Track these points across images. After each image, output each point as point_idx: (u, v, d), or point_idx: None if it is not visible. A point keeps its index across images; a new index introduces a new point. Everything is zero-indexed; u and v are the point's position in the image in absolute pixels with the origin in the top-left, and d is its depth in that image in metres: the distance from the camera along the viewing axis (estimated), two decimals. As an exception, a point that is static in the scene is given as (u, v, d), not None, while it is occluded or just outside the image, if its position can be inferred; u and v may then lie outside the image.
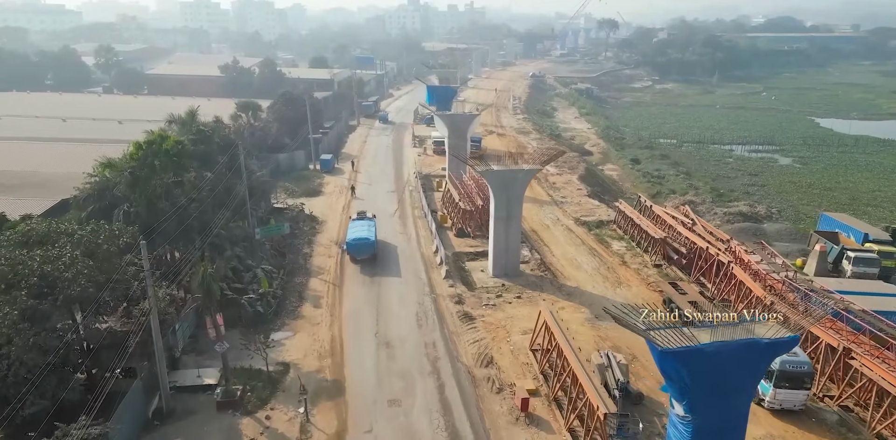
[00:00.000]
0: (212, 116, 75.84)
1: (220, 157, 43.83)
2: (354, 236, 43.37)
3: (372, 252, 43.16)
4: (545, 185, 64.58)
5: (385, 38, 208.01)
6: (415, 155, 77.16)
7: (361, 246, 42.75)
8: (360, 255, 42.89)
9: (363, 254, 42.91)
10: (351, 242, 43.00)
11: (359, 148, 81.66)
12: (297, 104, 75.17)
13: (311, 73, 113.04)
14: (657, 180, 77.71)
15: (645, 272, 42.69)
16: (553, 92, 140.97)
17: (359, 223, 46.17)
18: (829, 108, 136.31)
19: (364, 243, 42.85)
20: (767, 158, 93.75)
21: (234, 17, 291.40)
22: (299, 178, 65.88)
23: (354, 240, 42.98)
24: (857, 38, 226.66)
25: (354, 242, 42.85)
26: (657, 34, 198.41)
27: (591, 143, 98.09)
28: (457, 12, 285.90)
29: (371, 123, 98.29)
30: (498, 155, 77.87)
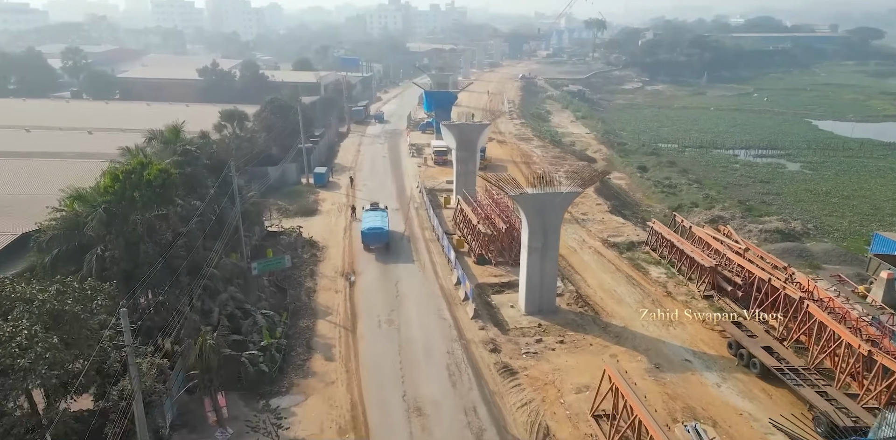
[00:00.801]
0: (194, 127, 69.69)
1: (210, 179, 37.86)
2: (369, 226, 46.13)
3: (385, 241, 46.03)
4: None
5: (367, 39, 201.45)
6: (414, 166, 71.55)
7: (376, 235, 45.62)
8: (374, 244, 45.92)
9: (377, 243, 45.88)
10: (366, 232, 45.79)
11: (353, 158, 75.72)
12: (286, 111, 69.06)
13: (295, 76, 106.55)
14: (670, 190, 73.29)
15: (695, 305, 37.75)
16: (545, 94, 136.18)
17: (372, 213, 48.85)
18: (825, 109, 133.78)
19: (378, 232, 45.65)
20: (775, 164, 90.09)
21: (209, 16, 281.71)
22: (292, 194, 59.91)
23: (369, 229, 45.79)
24: (838, 38, 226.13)
25: (369, 232, 45.66)
26: (643, 35, 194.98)
27: (593, 150, 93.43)
28: (438, 12, 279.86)
29: (362, 130, 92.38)
30: (503, 164, 73.19)
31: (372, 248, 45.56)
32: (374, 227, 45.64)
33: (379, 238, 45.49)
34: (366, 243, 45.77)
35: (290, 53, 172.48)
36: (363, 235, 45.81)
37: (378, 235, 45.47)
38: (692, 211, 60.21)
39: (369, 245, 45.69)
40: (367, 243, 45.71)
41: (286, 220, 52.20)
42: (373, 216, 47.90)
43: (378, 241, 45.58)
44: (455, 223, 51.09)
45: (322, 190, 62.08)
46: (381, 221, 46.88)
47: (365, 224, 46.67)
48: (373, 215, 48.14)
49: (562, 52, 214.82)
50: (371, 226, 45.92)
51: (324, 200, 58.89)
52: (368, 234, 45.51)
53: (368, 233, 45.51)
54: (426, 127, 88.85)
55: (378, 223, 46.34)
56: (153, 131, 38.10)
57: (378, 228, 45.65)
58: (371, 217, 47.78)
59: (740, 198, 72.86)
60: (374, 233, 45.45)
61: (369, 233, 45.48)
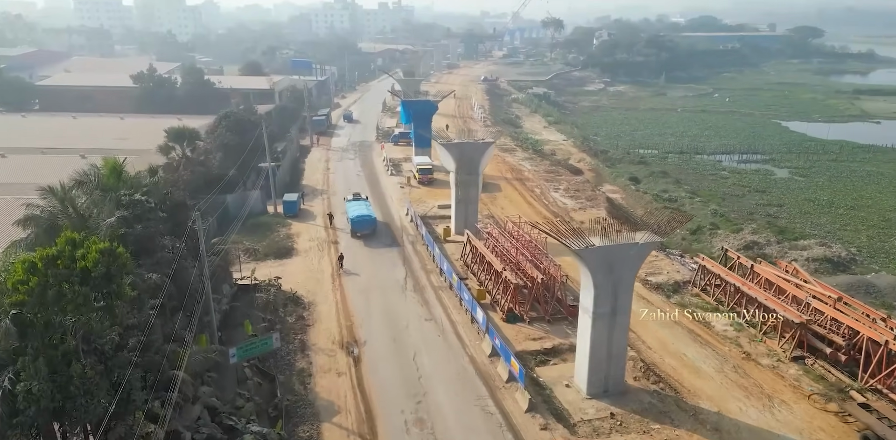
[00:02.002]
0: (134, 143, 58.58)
1: (167, 236, 28.10)
2: (357, 213, 49.06)
3: (374, 227, 49.13)
4: (572, 224, 51.72)
5: (314, 39, 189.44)
6: (395, 186, 62.50)
7: (364, 222, 48.59)
8: (362, 231, 48.52)
9: (365, 230, 48.57)
10: (355, 219, 48.47)
11: (322, 178, 65.90)
12: (243, 127, 58.77)
13: (245, 81, 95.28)
14: (671, 205, 66.83)
15: (788, 373, 30.57)
16: (510, 97, 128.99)
17: (356, 203, 51.96)
18: (788, 110, 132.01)
19: (367, 219, 48.80)
20: (763, 171, 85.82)
21: (139, 14, 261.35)
22: (258, 228, 49.97)
23: (358, 216, 48.65)
24: (782, 37, 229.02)
25: (359, 219, 48.46)
26: (599, 34, 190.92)
27: (576, 159, 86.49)
28: (387, 11, 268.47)
29: (326, 142, 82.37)
30: (494, 181, 65.07)
31: (358, 235, 48.21)
32: (362, 215, 48.94)
33: (368, 225, 48.65)
34: (354, 231, 48.64)
35: (233, 55, 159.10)
36: (352, 223, 48.60)
37: (367, 222, 48.65)
38: (715, 234, 53.70)
39: (357, 232, 48.54)
40: (356, 230, 48.60)
41: (256, 264, 42.47)
42: (357, 205, 51.18)
43: (367, 228, 48.63)
44: (465, 263, 42.58)
45: (294, 221, 52.32)
46: (367, 209, 50.44)
47: (352, 212, 49.46)
48: (357, 204, 51.41)
49: (517, 52, 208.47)
50: (359, 213, 48.97)
51: (298, 235, 49.20)
52: (357, 222, 48.45)
53: (357, 221, 48.44)
54: (399, 138, 79.78)
55: (365, 211, 49.77)
56: (84, 173, 27.83)
57: (366, 215, 49.09)
58: (356, 206, 51.02)
59: (740, 210, 67.65)
60: (363, 221, 48.61)
61: (358, 220, 48.45)
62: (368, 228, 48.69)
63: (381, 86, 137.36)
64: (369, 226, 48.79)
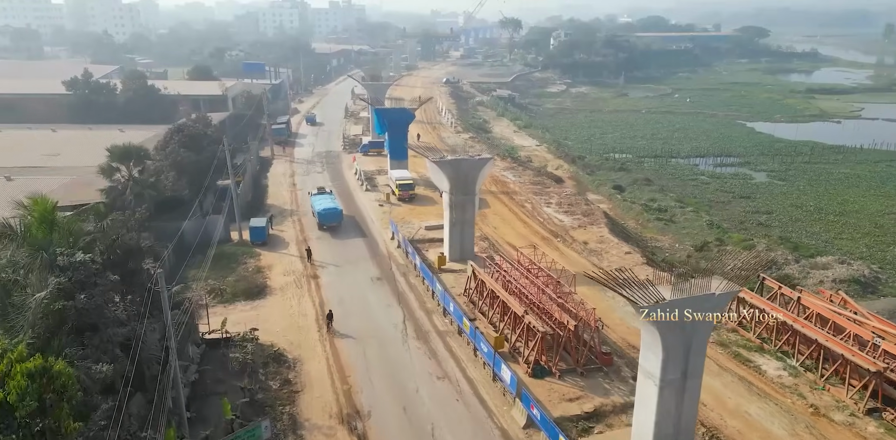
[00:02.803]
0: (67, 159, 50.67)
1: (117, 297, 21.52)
2: (324, 206, 50.12)
3: (340, 220, 50.11)
4: (576, 246, 46.87)
5: (263, 39, 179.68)
6: (373, 204, 56.26)
7: (331, 214, 49.67)
8: (329, 223, 49.51)
9: (332, 222, 49.58)
10: (322, 212, 49.56)
11: (289, 196, 59.00)
12: (199, 141, 51.49)
13: (194, 86, 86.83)
14: (663, 216, 63.21)
15: (868, 431, 26.31)
16: (474, 100, 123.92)
17: (321, 196, 53.27)
18: (750, 110, 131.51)
19: (333, 212, 49.87)
20: (741, 174, 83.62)
21: (70, 13, 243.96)
22: (222, 259, 42.98)
23: (325, 209, 49.73)
24: (731, 37, 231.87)
25: (325, 212, 49.55)
26: (556, 35, 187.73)
27: (554, 166, 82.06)
28: (338, 10, 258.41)
29: (289, 153, 75.17)
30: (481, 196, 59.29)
31: (325, 228, 49.21)
32: (329, 208, 50.07)
33: (334, 217, 49.69)
34: (321, 223, 49.52)
35: (177, 57, 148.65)
36: (320, 216, 49.65)
37: (334, 215, 49.70)
38: (725, 251, 49.53)
39: (324, 225, 49.41)
40: (323, 223, 49.46)
41: (224, 308, 35.77)
42: (322, 198, 52.38)
43: (333, 221, 49.58)
44: (469, 300, 36.98)
45: (263, 250, 45.51)
46: (332, 202, 51.82)
47: (319, 206, 50.51)
48: (322, 198, 52.64)
49: (474, 52, 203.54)
50: (326, 207, 50.07)
51: (270, 268, 42.52)
52: (324, 214, 49.43)
53: (325, 214, 49.42)
54: (369, 147, 73.44)
55: (331, 204, 50.93)
56: (4, 223, 20.84)
57: (333, 208, 50.19)
58: (322, 199, 52.13)
59: (730, 218, 64.63)
60: (330, 213, 49.64)
61: (325, 213, 49.45)
62: (336, 221, 49.72)
63: (339, 88, 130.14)
64: (336, 218, 49.74)
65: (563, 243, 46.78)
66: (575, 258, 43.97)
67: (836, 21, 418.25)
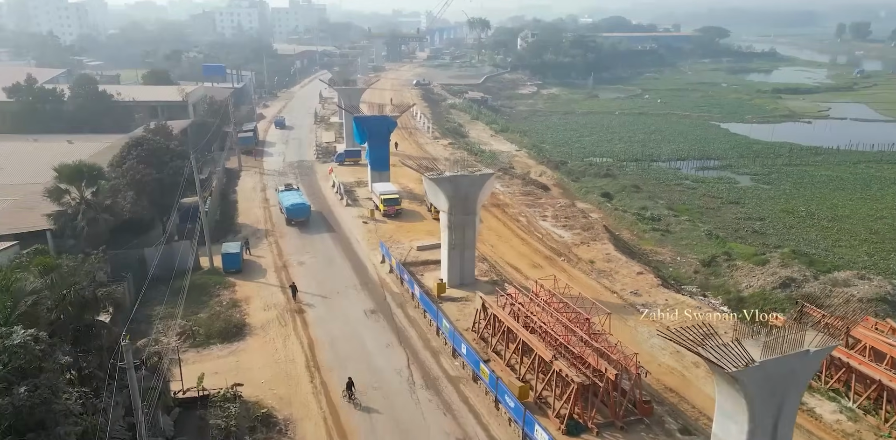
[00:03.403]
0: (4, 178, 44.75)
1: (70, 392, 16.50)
2: (292, 202, 50.71)
3: (308, 215, 50.70)
4: (582, 265, 43.04)
5: (222, 40, 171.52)
6: (355, 221, 51.41)
7: (299, 210, 50.35)
8: (297, 218, 50.15)
9: (300, 217, 50.20)
10: (290, 208, 50.23)
11: (262, 214, 53.59)
12: (160, 156, 45.85)
13: (151, 92, 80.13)
14: (657, 225, 60.37)
15: (951, 488, 23.09)
16: (446, 103, 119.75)
17: (289, 193, 53.49)
18: (722, 110, 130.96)
19: (301, 207, 50.62)
20: (725, 178, 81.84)
21: (11, 12, 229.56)
22: (192, 291, 37.54)
23: (293, 205, 50.43)
24: (693, 38, 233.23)
25: (293, 207, 50.28)
26: (524, 35, 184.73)
27: (536, 172, 78.66)
28: (299, 9, 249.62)
29: (257, 164, 69.49)
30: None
31: (293, 223, 49.84)
32: (297, 203, 50.77)
33: (302, 212, 50.33)
34: (290, 219, 50.21)
35: (129, 59, 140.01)
36: (288, 212, 50.30)
37: (302, 210, 50.38)
38: (735, 266, 46.66)
39: (292, 220, 50.06)
40: (291, 218, 50.13)
41: (198, 353, 30.70)
42: (290, 194, 53.06)
43: (302, 216, 50.26)
44: (480, 337, 32.73)
45: (238, 279, 40.31)
46: (300, 197, 52.42)
47: (287, 201, 51.00)
48: (290, 194, 53.21)
49: (441, 53, 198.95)
50: (294, 202, 50.75)
51: (248, 301, 37.41)
52: (293, 210, 50.09)
53: (293, 209, 50.11)
54: (345, 157, 68.40)
55: (299, 199, 51.61)
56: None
57: (301, 203, 50.81)
58: (290, 195, 52.71)
59: (723, 225, 62.26)
60: (298, 208, 50.32)
61: (293, 208, 50.14)
62: (304, 216, 50.29)
63: (306, 92, 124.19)
64: (304, 213, 50.37)
65: (569, 263, 42.96)
66: (584, 280, 40.19)
67: (785, 21, 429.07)
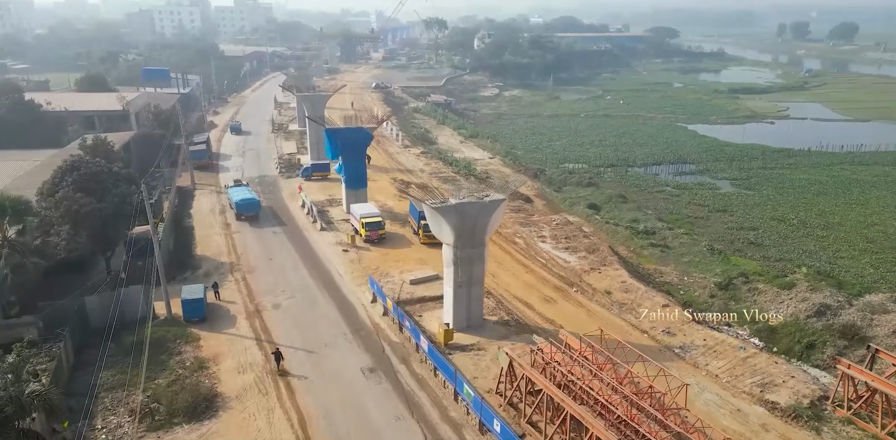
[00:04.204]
0: None
1: None
2: (241, 197, 52.00)
3: (258, 210, 51.97)
4: (599, 298, 38.10)
5: (162, 40, 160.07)
6: (333, 249, 44.99)
7: (249, 205, 51.56)
8: (247, 213, 51.30)
9: (250, 212, 51.43)
10: (240, 203, 51.41)
11: (224, 242, 46.38)
12: (102, 181, 38.48)
13: (86, 100, 71.09)
14: (653, 240, 56.31)
15: None
16: (409, 106, 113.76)
17: (238, 188, 54.87)
18: (685, 111, 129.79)
19: (251, 202, 51.83)
20: (706, 184, 79.15)
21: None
22: (148, 349, 30.78)
23: (242, 200, 51.64)
24: (645, 38, 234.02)
25: (243, 203, 51.47)
26: (482, 35, 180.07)
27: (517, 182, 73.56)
28: (245, 8, 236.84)
29: (212, 180, 61.91)
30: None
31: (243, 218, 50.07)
32: (246, 198, 51.47)
33: (251, 207, 50.97)
34: (239, 213, 50.81)
35: (60, 61, 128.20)
36: (237, 207, 50.91)
37: (251, 205, 50.96)
38: (756, 290, 42.66)
39: (241, 215, 50.64)
40: (241, 213, 50.73)
41: (154, 437, 24.17)
42: (240, 190, 53.62)
43: (251, 211, 50.94)
44: (508, 402, 27.24)
45: (203, 330, 33.54)
46: (249, 192, 52.99)
47: (236, 197, 51.67)
48: (239, 189, 53.91)
49: (396, 54, 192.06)
50: (242, 198, 51.35)
51: (217, 360, 30.77)
52: (242, 205, 50.73)
53: (242, 204, 50.74)
54: (311, 171, 61.73)
55: (248, 195, 52.16)
56: None
57: (250, 198, 51.55)
58: (239, 191, 53.36)
59: (716, 237, 58.83)
60: (248, 204, 50.87)
61: (242, 204, 50.76)
62: (253, 211, 51.09)
63: (258, 96, 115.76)
64: (254, 209, 51.15)
65: (583, 295, 38.01)
66: (605, 317, 35.30)
67: (726, 21, 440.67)
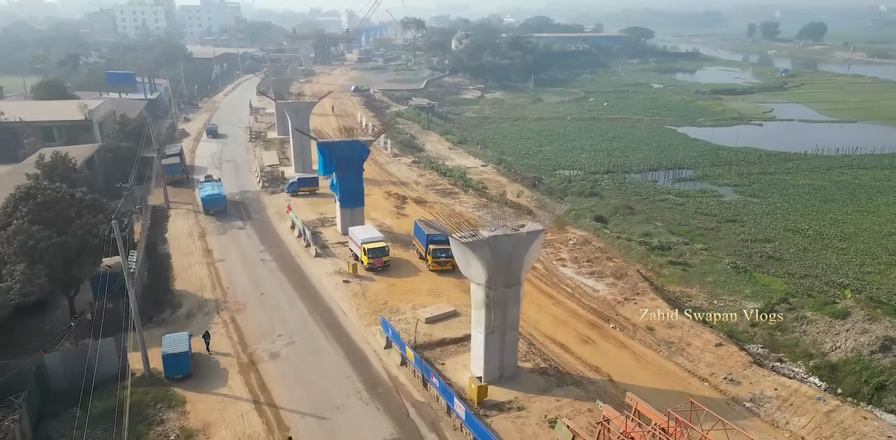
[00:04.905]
0: None
1: None
2: (208, 193, 53.50)
3: (224, 205, 53.53)
4: (642, 335, 33.74)
5: (125, 42, 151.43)
6: (332, 278, 39.75)
7: (214, 200, 53.12)
8: (213, 208, 52.89)
9: (216, 207, 53.04)
10: (206, 198, 53.14)
11: (207, 274, 40.60)
12: (60, 208, 32.69)
13: (43, 109, 64.20)
14: (669, 256, 52.48)
15: None
16: (390, 111, 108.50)
17: (208, 184, 55.89)
18: (671, 113, 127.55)
19: (216, 197, 53.33)
20: (708, 191, 76.19)
21: None
22: (120, 418, 25.29)
23: (209, 195, 53.25)
24: (620, 38, 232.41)
25: (209, 198, 53.12)
26: (460, 36, 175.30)
27: (513, 192, 69.58)
28: (212, 8, 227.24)
29: (188, 198, 55.92)
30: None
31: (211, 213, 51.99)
32: (213, 194, 53.30)
33: (217, 203, 52.98)
34: (206, 208, 52.77)
35: (13, 64, 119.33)
36: (204, 202, 53.04)
37: (217, 201, 52.99)
38: (806, 319, 38.70)
39: (209, 210, 52.58)
40: (208, 208, 52.70)
41: None
42: (210, 185, 55.09)
43: (217, 206, 52.89)
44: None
45: (187, 390, 28.14)
46: (218, 189, 54.36)
47: (203, 192, 53.73)
48: (210, 185, 55.23)
49: (371, 54, 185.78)
50: (209, 193, 53.33)
51: (207, 432, 25.41)
52: (208, 201, 52.86)
53: (208, 200, 52.90)
54: (298, 186, 56.27)
55: (216, 190, 53.84)
56: None
57: (216, 194, 53.43)
58: (208, 186, 54.79)
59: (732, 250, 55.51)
60: (213, 199, 52.89)
61: (208, 199, 52.92)
62: (220, 206, 52.69)
63: (231, 101, 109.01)
64: (220, 204, 52.73)
65: (623, 331, 33.63)
66: (655, 361, 30.98)
67: (694, 22, 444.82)
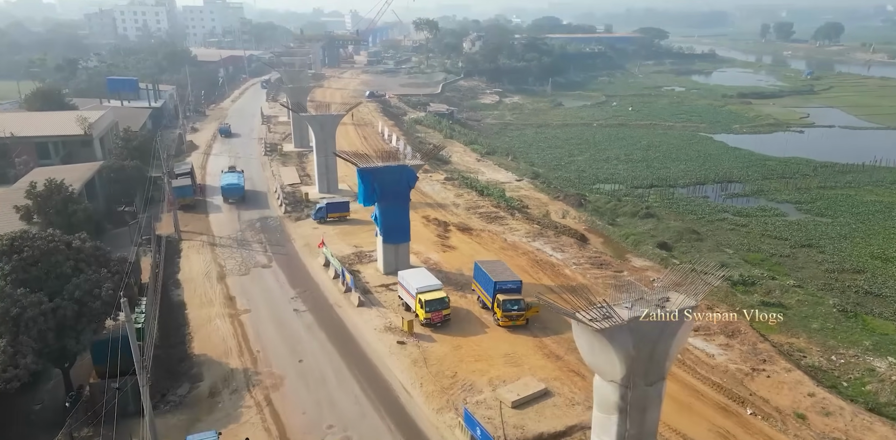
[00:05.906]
0: None
1: None
2: (228, 182, 56.38)
3: (242, 194, 56.24)
4: (794, 428, 26.63)
5: (126, 44, 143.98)
6: (381, 337, 32.60)
7: (233, 189, 55.81)
8: (232, 197, 55.71)
9: (235, 196, 55.79)
10: (225, 186, 56.05)
11: (230, 333, 33.40)
12: (54, 263, 25.65)
13: (38, 122, 56.91)
14: (761, 295, 45.45)
15: None
16: (408, 118, 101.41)
17: (230, 174, 58.76)
18: (701, 118, 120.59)
19: (235, 187, 55.94)
20: (769, 209, 69.40)
21: None
22: None
23: (229, 184, 56.16)
24: (634, 39, 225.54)
25: (228, 186, 55.96)
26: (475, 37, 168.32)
27: (557, 211, 62.80)
28: (215, 8, 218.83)
29: (202, 226, 48.69)
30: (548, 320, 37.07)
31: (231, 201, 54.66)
32: (232, 183, 55.96)
33: (236, 192, 55.54)
34: (225, 197, 55.69)
35: (8, 68, 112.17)
36: (223, 190, 56.01)
37: (235, 190, 55.50)
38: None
39: (228, 199, 55.44)
40: (227, 197, 55.64)
41: None
42: (230, 176, 57.68)
43: (236, 195, 55.50)
44: None
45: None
46: (238, 179, 56.85)
47: (224, 181, 56.65)
48: (230, 175, 57.93)
49: (381, 57, 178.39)
50: (229, 182, 56.11)
51: None
52: (227, 189, 55.69)
53: (227, 189, 55.70)
54: (325, 213, 49.12)
55: (235, 180, 56.45)
56: None
57: (235, 184, 55.95)
58: (230, 176, 57.56)
59: (820, 284, 48.17)
60: (232, 188, 55.48)
61: (228, 188, 55.68)
62: (238, 195, 54.77)
63: (240, 107, 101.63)
64: (238, 193, 54.79)
65: (770, 424, 26.46)
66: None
67: (700, 22, 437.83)
